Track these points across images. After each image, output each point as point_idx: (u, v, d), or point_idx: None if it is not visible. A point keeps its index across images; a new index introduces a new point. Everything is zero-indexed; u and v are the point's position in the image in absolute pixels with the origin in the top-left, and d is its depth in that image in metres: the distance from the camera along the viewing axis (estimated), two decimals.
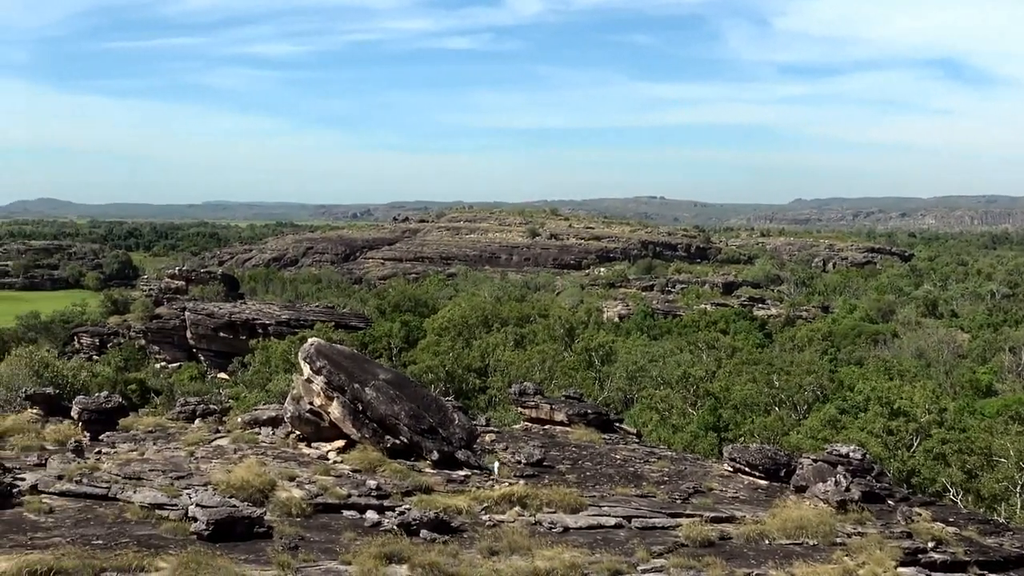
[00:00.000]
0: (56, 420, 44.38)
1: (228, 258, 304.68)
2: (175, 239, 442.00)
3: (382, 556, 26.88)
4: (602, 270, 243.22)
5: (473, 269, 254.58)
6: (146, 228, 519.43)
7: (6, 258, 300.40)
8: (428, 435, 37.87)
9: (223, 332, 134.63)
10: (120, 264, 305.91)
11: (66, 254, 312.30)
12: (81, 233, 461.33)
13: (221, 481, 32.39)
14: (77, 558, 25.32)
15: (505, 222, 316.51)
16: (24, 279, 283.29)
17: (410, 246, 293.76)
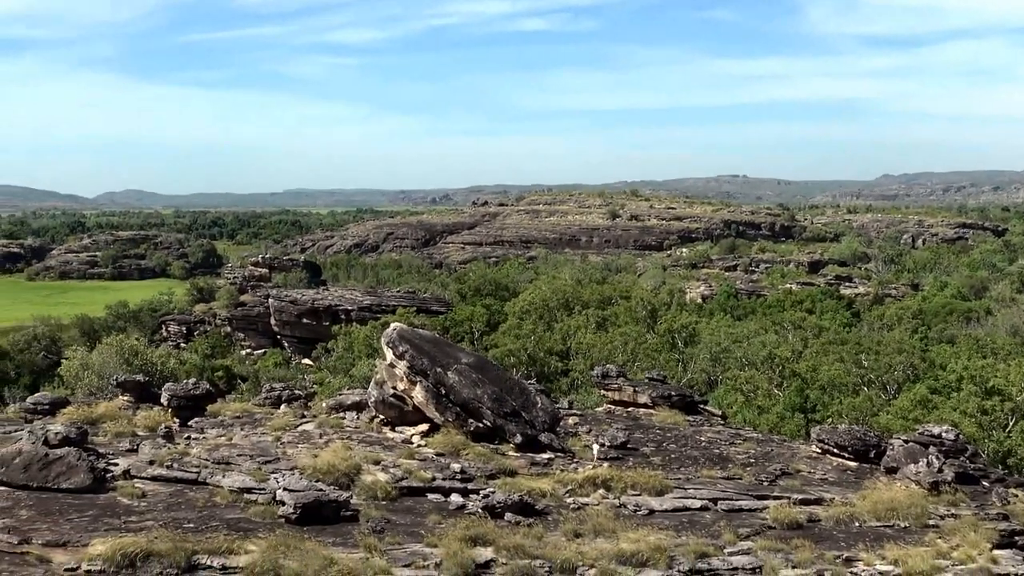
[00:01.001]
0: (146, 407, 45.30)
1: (310, 245, 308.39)
2: (257, 227, 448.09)
3: (467, 539, 26.95)
4: (684, 251, 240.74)
5: (553, 252, 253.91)
6: (229, 217, 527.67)
7: (95, 249, 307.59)
8: (511, 418, 37.86)
9: (306, 318, 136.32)
10: (205, 253, 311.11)
11: (152, 244, 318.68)
12: (166, 223, 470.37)
13: (308, 465, 32.77)
14: (169, 541, 25.80)
15: (585, 204, 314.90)
16: (113, 269, 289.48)
17: (490, 230, 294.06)
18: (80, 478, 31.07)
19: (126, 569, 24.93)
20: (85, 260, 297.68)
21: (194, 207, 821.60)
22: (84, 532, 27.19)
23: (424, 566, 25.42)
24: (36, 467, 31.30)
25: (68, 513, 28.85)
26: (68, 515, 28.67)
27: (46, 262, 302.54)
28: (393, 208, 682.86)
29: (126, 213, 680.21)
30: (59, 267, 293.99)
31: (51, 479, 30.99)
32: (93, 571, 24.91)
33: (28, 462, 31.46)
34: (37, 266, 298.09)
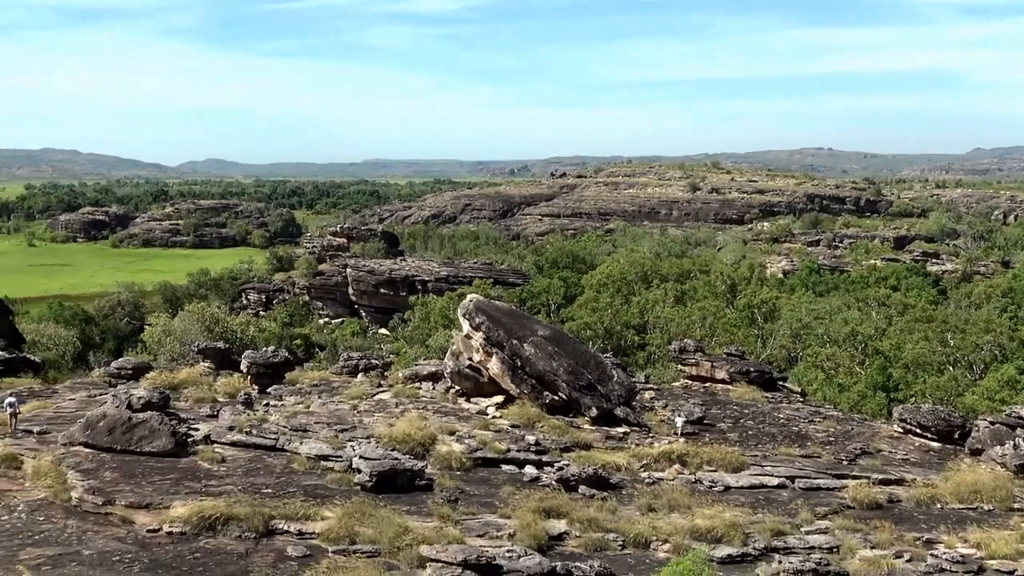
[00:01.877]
0: (226, 373, 46.14)
1: (388, 215, 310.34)
2: (336, 197, 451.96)
3: (541, 510, 26.96)
4: (765, 225, 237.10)
5: (632, 225, 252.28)
6: (309, 187, 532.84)
7: (177, 217, 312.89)
8: (587, 391, 37.72)
9: (383, 288, 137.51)
10: (284, 222, 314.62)
11: (233, 213, 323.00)
12: (247, 192, 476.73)
13: (383, 434, 33.03)
14: (248, 505, 26.21)
15: (665, 176, 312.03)
16: (194, 237, 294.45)
17: (568, 202, 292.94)
18: (162, 442, 31.71)
19: (206, 532, 25.40)
20: (168, 228, 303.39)
21: (274, 176, 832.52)
22: (165, 494, 27.74)
23: (497, 536, 25.47)
24: (120, 430, 32.02)
25: (150, 476, 29.47)
26: (150, 478, 29.29)
27: (130, 230, 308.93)
28: (471, 179, 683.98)
29: (207, 182, 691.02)
30: (143, 235, 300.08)
31: (134, 442, 31.68)
32: (174, 532, 25.40)
33: (112, 425, 32.20)
34: (121, 233, 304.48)
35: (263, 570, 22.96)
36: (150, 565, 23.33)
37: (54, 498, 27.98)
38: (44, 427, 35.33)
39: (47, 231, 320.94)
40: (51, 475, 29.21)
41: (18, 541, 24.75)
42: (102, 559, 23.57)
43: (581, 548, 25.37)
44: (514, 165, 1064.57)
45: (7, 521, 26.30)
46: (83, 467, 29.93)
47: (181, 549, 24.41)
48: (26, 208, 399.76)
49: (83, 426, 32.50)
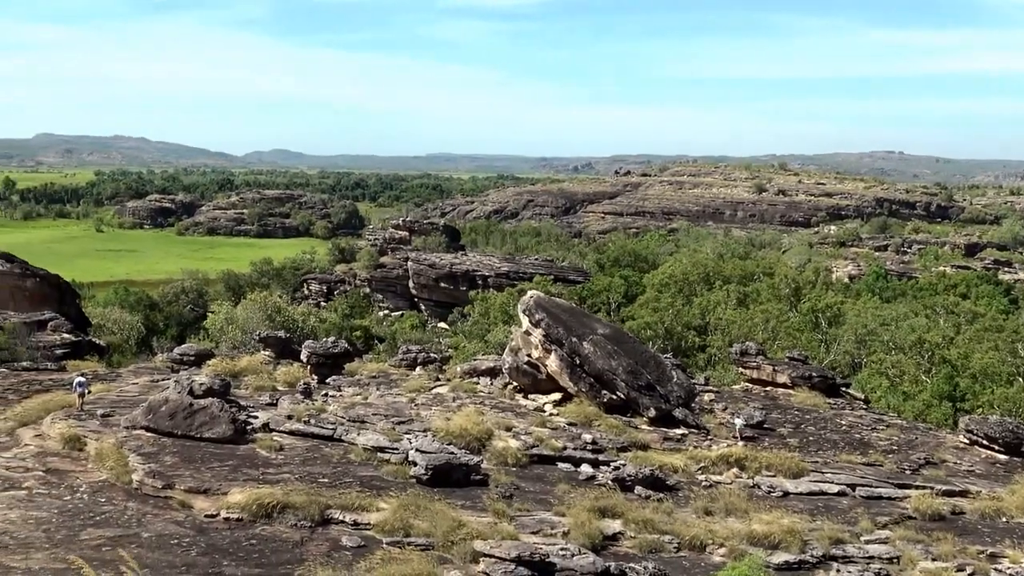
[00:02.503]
0: (286, 362, 46.55)
1: (450, 210, 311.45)
2: (399, 190, 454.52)
3: (596, 510, 26.79)
4: (832, 228, 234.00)
5: (695, 225, 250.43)
6: (372, 179, 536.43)
7: (242, 206, 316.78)
8: (645, 392, 37.45)
9: (444, 282, 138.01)
10: (347, 214, 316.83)
11: (297, 203, 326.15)
12: (311, 183, 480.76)
13: (440, 428, 33.06)
14: (304, 494, 26.37)
15: (730, 177, 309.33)
16: (258, 227, 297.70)
17: (631, 200, 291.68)
18: (222, 428, 32.04)
19: (262, 519, 25.61)
20: (232, 217, 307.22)
21: (338, 168, 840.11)
22: (224, 481, 28.03)
23: (552, 534, 25.35)
24: (181, 416, 32.42)
25: (209, 461, 29.79)
26: (209, 463, 29.61)
27: (196, 218, 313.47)
28: (534, 175, 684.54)
29: (272, 172, 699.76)
30: (208, 223, 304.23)
31: (194, 428, 32.05)
32: (231, 519, 25.65)
33: (174, 410, 32.61)
34: (187, 221, 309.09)
35: (318, 559, 23.07)
36: (207, 550, 23.57)
37: (115, 480, 28.42)
38: (107, 410, 35.90)
39: (115, 217, 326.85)
40: (113, 457, 29.66)
41: (79, 522, 25.16)
42: (160, 542, 23.87)
43: (636, 549, 25.17)
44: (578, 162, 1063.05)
45: (69, 501, 26.75)
46: (144, 451, 30.35)
47: (238, 535, 24.64)
48: (95, 194, 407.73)
49: (145, 410, 32.96)
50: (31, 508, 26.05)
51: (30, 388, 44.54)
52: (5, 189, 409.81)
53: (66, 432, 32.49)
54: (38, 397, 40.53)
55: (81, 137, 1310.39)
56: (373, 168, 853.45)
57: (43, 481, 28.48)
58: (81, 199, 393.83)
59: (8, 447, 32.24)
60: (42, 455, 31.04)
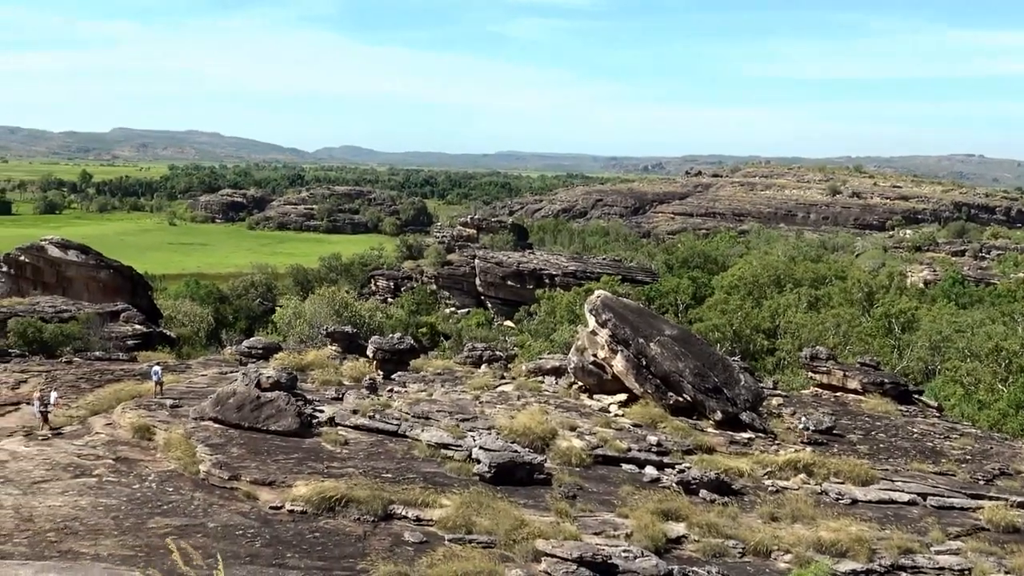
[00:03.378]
0: (353, 357, 46.83)
1: (518, 208, 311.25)
2: (468, 188, 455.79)
3: (659, 512, 26.52)
4: (908, 232, 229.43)
5: (766, 226, 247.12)
6: (441, 176, 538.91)
7: (312, 202, 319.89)
8: (712, 394, 37.01)
9: (511, 281, 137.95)
10: (416, 211, 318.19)
11: (366, 200, 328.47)
12: (380, 180, 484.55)
13: (504, 426, 32.99)
14: (368, 489, 26.47)
15: (804, 179, 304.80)
16: (327, 222, 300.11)
17: (701, 201, 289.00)
18: (288, 421, 32.31)
19: (326, 512, 25.76)
20: (302, 212, 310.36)
21: (407, 165, 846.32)
22: (289, 473, 28.25)
23: (614, 535, 25.14)
24: (248, 408, 32.76)
25: (275, 454, 30.06)
26: (275, 456, 29.87)
27: (266, 212, 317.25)
28: (603, 174, 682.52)
29: (342, 168, 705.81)
30: (278, 218, 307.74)
31: (261, 420, 32.37)
32: (295, 511, 25.84)
33: (241, 403, 32.97)
34: (258, 216, 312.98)
35: (380, 554, 23.12)
36: (271, 541, 23.75)
37: (183, 470, 28.80)
38: (176, 400, 36.42)
39: (187, 211, 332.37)
40: (181, 448, 30.08)
41: (148, 510, 25.52)
42: (226, 532, 24.11)
43: (699, 553, 24.86)
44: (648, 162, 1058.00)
45: (138, 490, 27.16)
46: (212, 442, 30.72)
47: (301, 528, 24.80)
48: (169, 188, 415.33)
49: (213, 402, 33.37)
50: (101, 495, 26.49)
51: (102, 377, 45.39)
52: (82, 182, 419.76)
53: (136, 422, 33.02)
54: (110, 387, 41.30)
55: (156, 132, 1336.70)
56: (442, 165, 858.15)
57: (113, 469, 28.97)
58: (155, 193, 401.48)
59: (80, 435, 32.89)
60: (113, 444, 31.59)
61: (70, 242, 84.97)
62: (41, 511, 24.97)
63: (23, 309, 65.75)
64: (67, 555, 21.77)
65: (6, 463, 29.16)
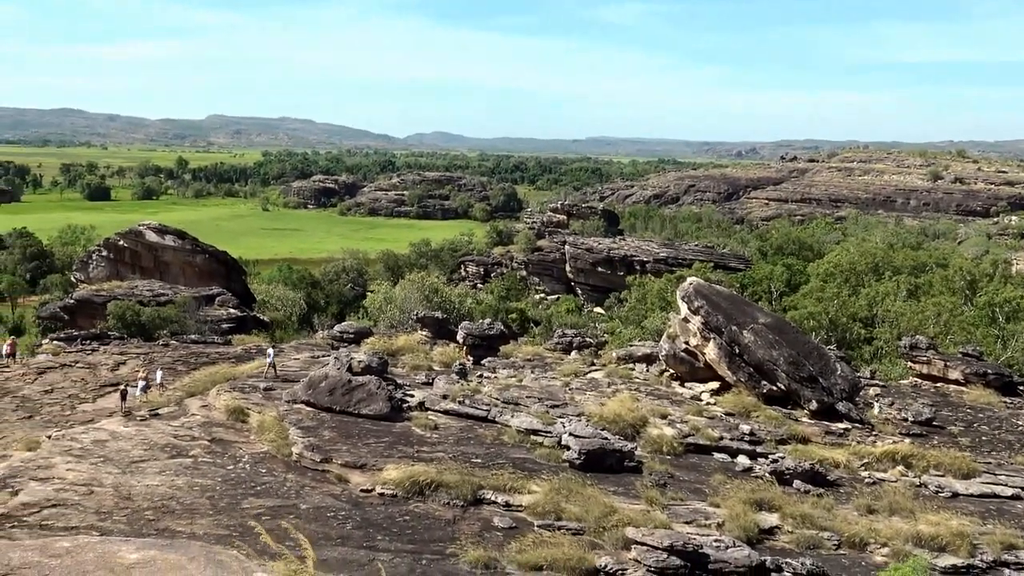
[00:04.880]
0: (442, 343, 47.02)
1: (609, 194, 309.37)
2: (558, 174, 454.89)
3: (752, 502, 26.07)
4: (1014, 218, 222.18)
5: (864, 213, 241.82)
6: (531, 162, 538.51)
7: (403, 188, 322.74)
8: (807, 383, 36.24)
9: (601, 267, 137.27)
10: (505, 197, 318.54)
11: (456, 186, 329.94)
12: (470, 166, 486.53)
13: (594, 413, 32.76)
14: (458, 474, 26.50)
15: (903, 164, 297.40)
16: (418, 208, 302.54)
17: (797, 187, 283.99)
18: (379, 406, 32.53)
19: (416, 496, 25.85)
20: (393, 198, 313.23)
21: (497, 151, 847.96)
22: (380, 457, 28.42)
23: (705, 524, 24.78)
24: (340, 392, 33.06)
25: (366, 437, 30.28)
26: (366, 439, 30.09)
27: (357, 198, 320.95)
28: (696, 160, 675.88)
29: (433, 154, 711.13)
30: (369, 204, 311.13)
31: (352, 404, 32.65)
32: (386, 494, 25.98)
33: (333, 386, 33.28)
34: (349, 202, 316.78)
35: (469, 538, 23.11)
36: (362, 523, 23.91)
37: (276, 452, 29.19)
38: (269, 384, 36.95)
39: (280, 197, 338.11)
40: (274, 430, 30.50)
41: (241, 491, 25.90)
42: (317, 514, 24.34)
43: (793, 544, 24.36)
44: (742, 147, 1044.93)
45: (232, 471, 27.59)
46: (304, 424, 31.07)
47: (392, 511, 24.92)
48: (262, 174, 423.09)
49: (306, 385, 33.75)
50: (196, 476, 26.98)
51: (197, 360, 46.39)
52: (178, 168, 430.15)
53: (231, 404, 33.59)
54: (205, 369, 42.17)
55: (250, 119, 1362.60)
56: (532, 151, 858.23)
57: (208, 450, 29.50)
58: (249, 179, 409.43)
59: (176, 416, 33.57)
60: (208, 425, 32.18)
61: (167, 227, 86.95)
62: (139, 490, 25.53)
63: (122, 293, 67.59)
64: (164, 533, 22.19)
65: (106, 443, 29.90)
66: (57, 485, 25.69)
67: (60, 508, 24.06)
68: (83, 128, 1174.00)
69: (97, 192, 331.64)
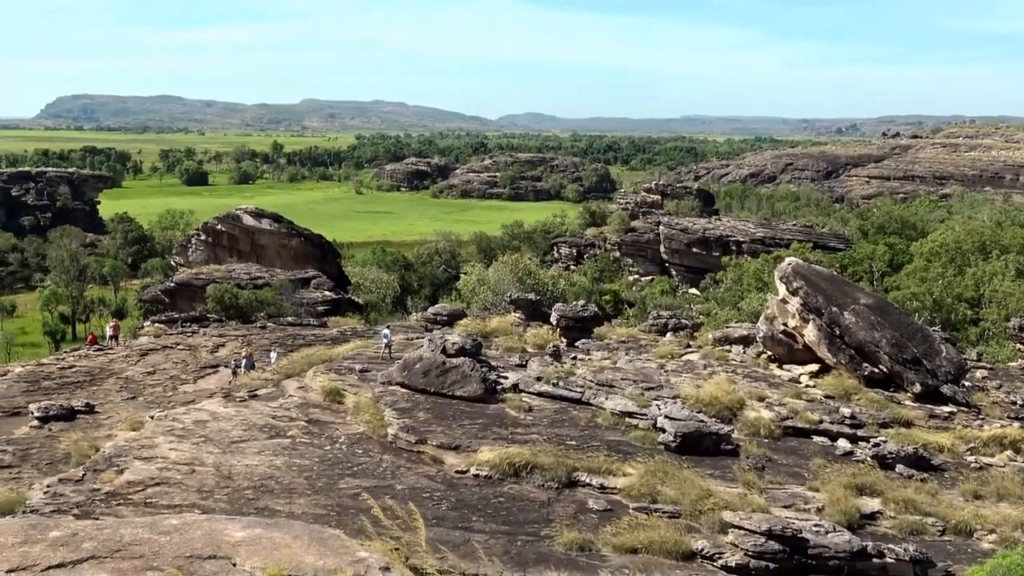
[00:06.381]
0: (536, 324, 46.95)
1: (704, 173, 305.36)
2: (652, 153, 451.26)
3: (853, 486, 25.52)
4: None
5: (970, 190, 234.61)
6: (624, 142, 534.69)
7: (495, 169, 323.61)
8: (910, 366, 35.29)
9: (696, 248, 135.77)
10: (598, 177, 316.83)
11: (548, 167, 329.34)
12: (563, 147, 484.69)
13: (690, 395, 32.37)
14: (552, 456, 26.43)
15: (1013, 139, 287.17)
16: (510, 190, 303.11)
17: (899, 164, 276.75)
18: (473, 387, 32.62)
19: (510, 477, 25.85)
20: (485, 180, 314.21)
21: (590, 131, 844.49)
22: (474, 438, 28.51)
23: (804, 509, 24.31)
24: (434, 373, 33.23)
25: (460, 419, 30.39)
26: (460, 421, 30.20)
27: (450, 180, 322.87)
28: (794, 137, 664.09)
29: (525, 135, 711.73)
30: (461, 186, 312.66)
31: (446, 386, 32.79)
32: (480, 476, 26.04)
33: (427, 368, 33.47)
34: (441, 184, 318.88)
35: (564, 520, 23.04)
36: (457, 504, 24.00)
37: (371, 433, 29.49)
38: (364, 365, 37.33)
39: (373, 180, 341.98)
40: (369, 411, 30.82)
41: (338, 471, 26.22)
42: (413, 495, 24.48)
43: (895, 530, 23.75)
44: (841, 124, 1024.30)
45: (329, 451, 27.95)
46: (399, 406, 31.32)
47: (486, 492, 24.97)
48: (355, 157, 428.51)
49: (400, 367, 34.01)
50: (294, 456, 27.39)
51: (294, 342, 47.15)
52: (273, 153, 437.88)
53: (327, 385, 34.04)
54: (302, 351, 42.81)
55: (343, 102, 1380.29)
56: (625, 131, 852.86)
57: (305, 431, 29.93)
58: (342, 162, 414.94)
59: (274, 397, 34.14)
60: (305, 406, 32.65)
61: (263, 211, 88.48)
62: (239, 469, 26.01)
63: (220, 276, 69.03)
64: (263, 512, 22.56)
65: (207, 423, 30.55)
66: (160, 464, 26.32)
67: (163, 486, 24.65)
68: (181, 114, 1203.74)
69: (195, 177, 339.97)
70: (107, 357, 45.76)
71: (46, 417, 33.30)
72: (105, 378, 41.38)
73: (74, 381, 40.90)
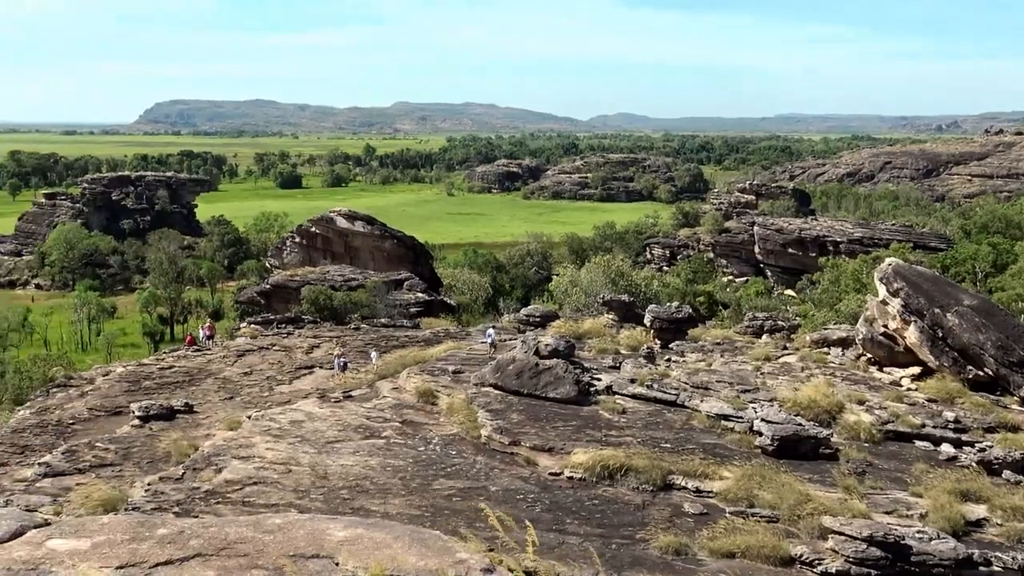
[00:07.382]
0: (629, 326, 46.68)
1: (799, 172, 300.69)
2: (746, 153, 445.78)
3: (957, 492, 24.78)
4: None
5: None
6: (717, 142, 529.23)
7: (586, 170, 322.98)
8: (1017, 369, 34.18)
9: (791, 248, 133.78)
10: (691, 177, 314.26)
11: (640, 167, 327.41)
12: (655, 147, 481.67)
13: (787, 398, 31.83)
14: (646, 458, 26.20)
15: None
16: (602, 191, 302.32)
17: (1003, 161, 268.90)
18: (566, 389, 32.53)
19: (605, 480, 25.70)
20: (576, 181, 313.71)
21: (682, 131, 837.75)
22: (567, 440, 28.41)
23: (907, 515, 23.69)
24: (527, 375, 33.23)
25: (553, 421, 30.32)
26: (553, 423, 30.13)
27: (541, 182, 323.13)
28: (892, 135, 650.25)
29: (616, 136, 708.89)
30: (552, 187, 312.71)
31: (539, 387, 32.76)
32: (574, 478, 25.94)
33: (520, 370, 33.48)
34: (532, 185, 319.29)
35: (659, 524, 22.82)
36: (551, 507, 23.94)
37: (465, 434, 29.59)
38: (458, 367, 37.50)
39: (464, 181, 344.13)
40: (463, 412, 30.93)
41: (432, 471, 26.35)
42: (507, 496, 24.51)
43: (1002, 538, 23.00)
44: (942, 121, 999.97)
45: (423, 452, 28.11)
46: (492, 407, 31.37)
47: (580, 495, 24.86)
48: (447, 159, 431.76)
49: (493, 368, 34.07)
50: (389, 456, 27.61)
51: (387, 343, 47.57)
52: (366, 155, 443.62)
53: (421, 386, 34.26)
54: (395, 352, 43.21)
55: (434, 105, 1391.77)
56: (718, 130, 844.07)
57: (399, 432, 30.16)
58: (434, 164, 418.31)
59: (368, 398, 34.49)
60: (399, 407, 32.91)
61: (357, 213, 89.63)
62: (334, 469, 26.31)
63: (315, 278, 70.09)
64: (359, 512, 22.76)
65: (302, 423, 30.99)
66: (257, 464, 26.77)
67: (260, 486, 25.05)
68: (275, 118, 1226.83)
69: (289, 180, 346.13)
70: (205, 358, 46.74)
71: (147, 416, 34.14)
72: (203, 378, 42.26)
73: (173, 381, 41.88)
